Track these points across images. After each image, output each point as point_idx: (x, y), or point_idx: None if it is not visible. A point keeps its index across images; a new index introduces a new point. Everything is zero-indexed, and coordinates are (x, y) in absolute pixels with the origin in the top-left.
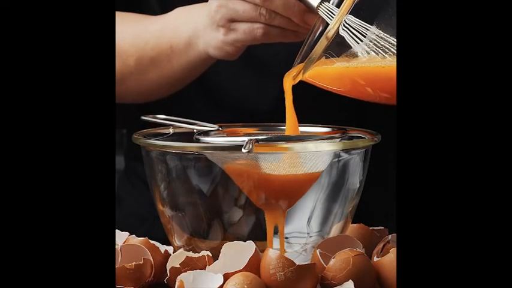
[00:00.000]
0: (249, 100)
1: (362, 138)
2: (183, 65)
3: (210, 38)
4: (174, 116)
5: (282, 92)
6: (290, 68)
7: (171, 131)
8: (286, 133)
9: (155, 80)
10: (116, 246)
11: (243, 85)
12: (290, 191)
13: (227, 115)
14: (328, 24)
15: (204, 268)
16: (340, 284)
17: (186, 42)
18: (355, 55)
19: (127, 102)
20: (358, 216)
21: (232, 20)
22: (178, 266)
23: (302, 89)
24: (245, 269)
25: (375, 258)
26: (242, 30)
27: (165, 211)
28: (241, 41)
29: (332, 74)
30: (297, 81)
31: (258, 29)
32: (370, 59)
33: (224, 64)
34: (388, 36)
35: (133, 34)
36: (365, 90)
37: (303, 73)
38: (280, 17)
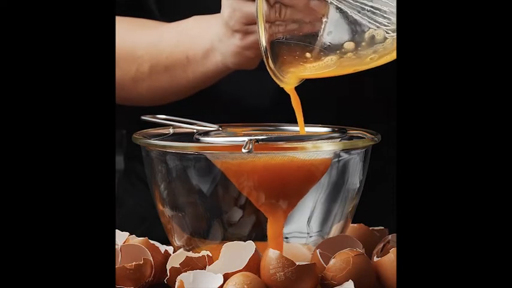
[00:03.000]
0: (249, 98)
1: (362, 138)
2: (198, 76)
3: (227, 47)
4: (174, 116)
5: (281, 90)
6: None
7: (171, 131)
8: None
9: (168, 87)
10: (116, 246)
11: (242, 83)
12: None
13: (227, 115)
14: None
15: (204, 268)
16: (340, 284)
17: (202, 54)
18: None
19: (138, 105)
20: (358, 216)
21: (248, 23)
22: (178, 266)
23: (303, 89)
24: (245, 269)
25: (375, 258)
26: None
27: (165, 211)
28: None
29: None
30: (286, 83)
31: (275, 30)
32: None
33: None
34: None
35: (149, 41)
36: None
37: (270, 62)
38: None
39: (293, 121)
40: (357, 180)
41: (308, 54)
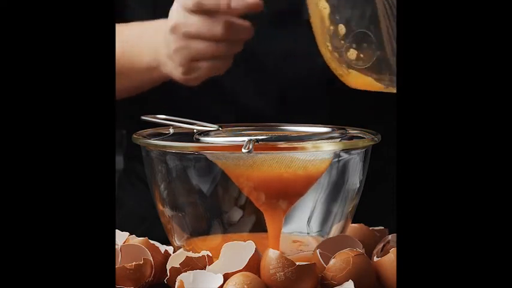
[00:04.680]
0: (249, 98)
1: (362, 138)
2: (146, 82)
3: (171, 69)
4: (174, 116)
5: (280, 90)
6: (287, 66)
7: (171, 131)
8: None
9: (120, 88)
10: (116, 246)
11: (242, 83)
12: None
13: (227, 115)
14: None
15: (204, 268)
16: (340, 284)
17: (147, 66)
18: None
19: None
20: (358, 216)
21: (194, 60)
22: (178, 266)
23: (303, 89)
24: (245, 269)
25: (375, 258)
26: (205, 67)
27: (165, 211)
28: (203, 77)
29: None
30: None
31: (220, 65)
32: None
33: None
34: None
35: None
36: None
37: None
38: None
39: (293, 121)
40: (357, 180)
41: None
